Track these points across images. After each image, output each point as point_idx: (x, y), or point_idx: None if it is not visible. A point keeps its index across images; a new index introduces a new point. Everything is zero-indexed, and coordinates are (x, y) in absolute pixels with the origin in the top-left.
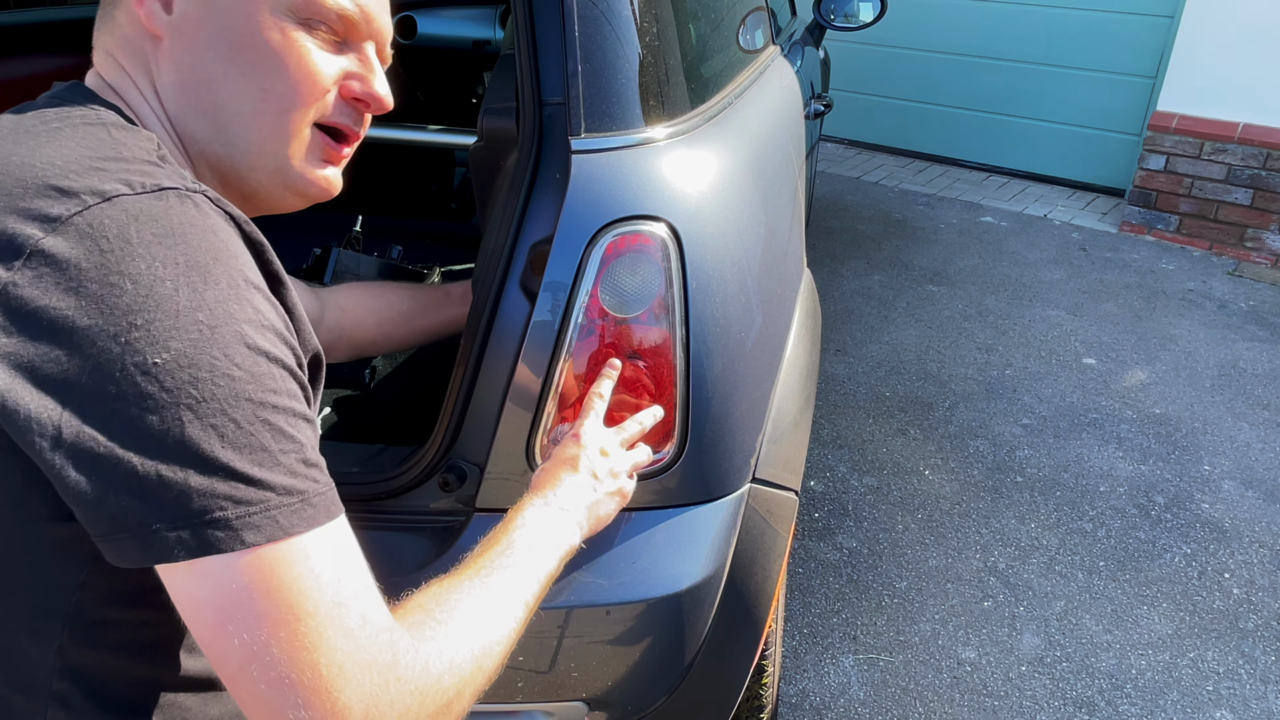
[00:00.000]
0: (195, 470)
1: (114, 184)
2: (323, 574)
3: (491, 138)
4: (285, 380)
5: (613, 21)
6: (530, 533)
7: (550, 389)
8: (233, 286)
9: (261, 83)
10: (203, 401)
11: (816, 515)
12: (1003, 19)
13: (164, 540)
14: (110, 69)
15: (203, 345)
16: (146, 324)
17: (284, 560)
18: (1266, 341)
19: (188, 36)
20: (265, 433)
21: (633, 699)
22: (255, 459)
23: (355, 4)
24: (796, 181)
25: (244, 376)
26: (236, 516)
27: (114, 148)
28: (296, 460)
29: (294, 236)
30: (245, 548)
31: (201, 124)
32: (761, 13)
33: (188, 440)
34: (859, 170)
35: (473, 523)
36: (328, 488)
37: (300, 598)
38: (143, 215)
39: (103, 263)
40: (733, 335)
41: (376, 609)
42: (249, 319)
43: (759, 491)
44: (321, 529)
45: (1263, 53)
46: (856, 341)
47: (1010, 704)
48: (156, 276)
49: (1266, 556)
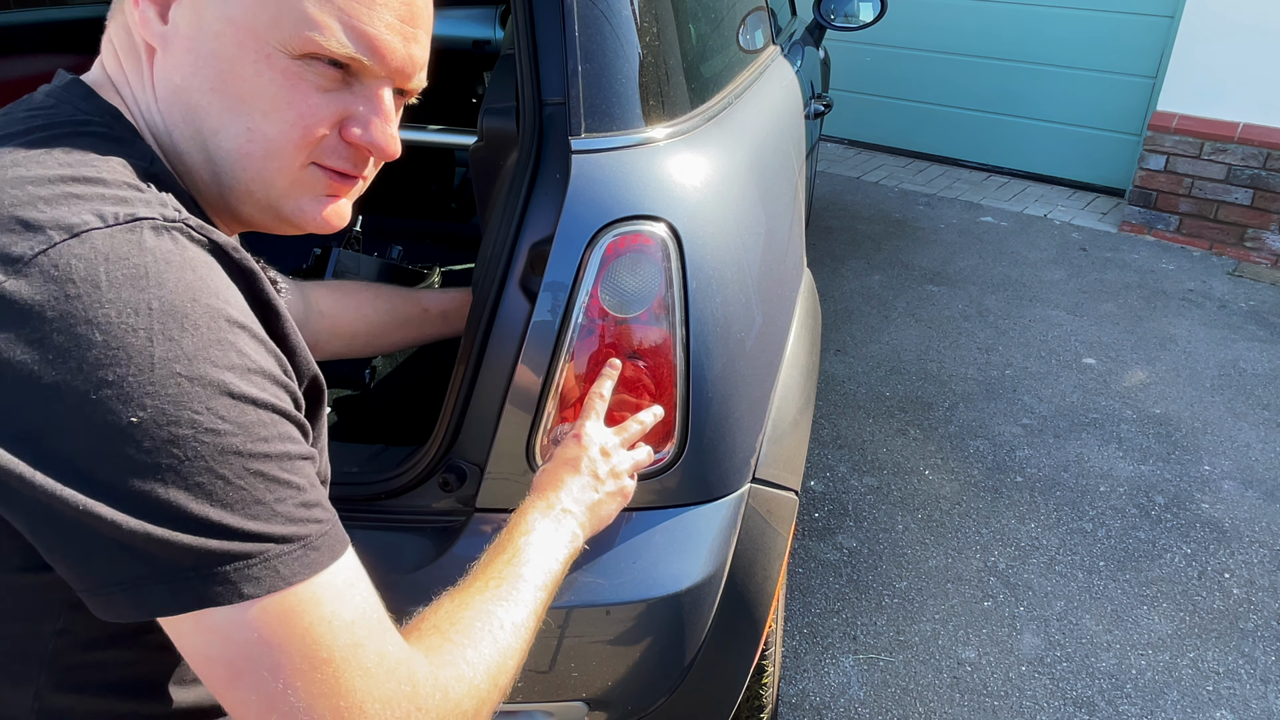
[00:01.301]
0: (184, 530)
1: (84, 215)
2: (334, 618)
3: (491, 138)
4: (277, 424)
5: (613, 21)
6: (536, 539)
7: (550, 389)
8: (213, 330)
9: (248, 121)
10: (186, 461)
11: (816, 515)
12: (1003, 19)
13: (158, 594)
14: (114, 64)
15: (182, 400)
16: (119, 379)
17: (293, 610)
18: (1266, 341)
19: (177, 54)
20: (258, 484)
21: (633, 699)
22: (249, 513)
23: (366, 45)
24: (796, 181)
25: (229, 429)
26: (235, 570)
27: (93, 166)
28: (294, 505)
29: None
30: (245, 600)
31: (189, 147)
32: (761, 13)
33: (174, 503)
34: (859, 170)
35: (473, 522)
36: (330, 524)
37: (314, 646)
38: (113, 254)
39: (69, 310)
40: (733, 335)
41: (391, 641)
42: (232, 365)
43: (759, 491)
44: (327, 570)
45: (1263, 53)
46: (856, 341)
47: (1010, 704)
48: (128, 325)
49: (1266, 556)
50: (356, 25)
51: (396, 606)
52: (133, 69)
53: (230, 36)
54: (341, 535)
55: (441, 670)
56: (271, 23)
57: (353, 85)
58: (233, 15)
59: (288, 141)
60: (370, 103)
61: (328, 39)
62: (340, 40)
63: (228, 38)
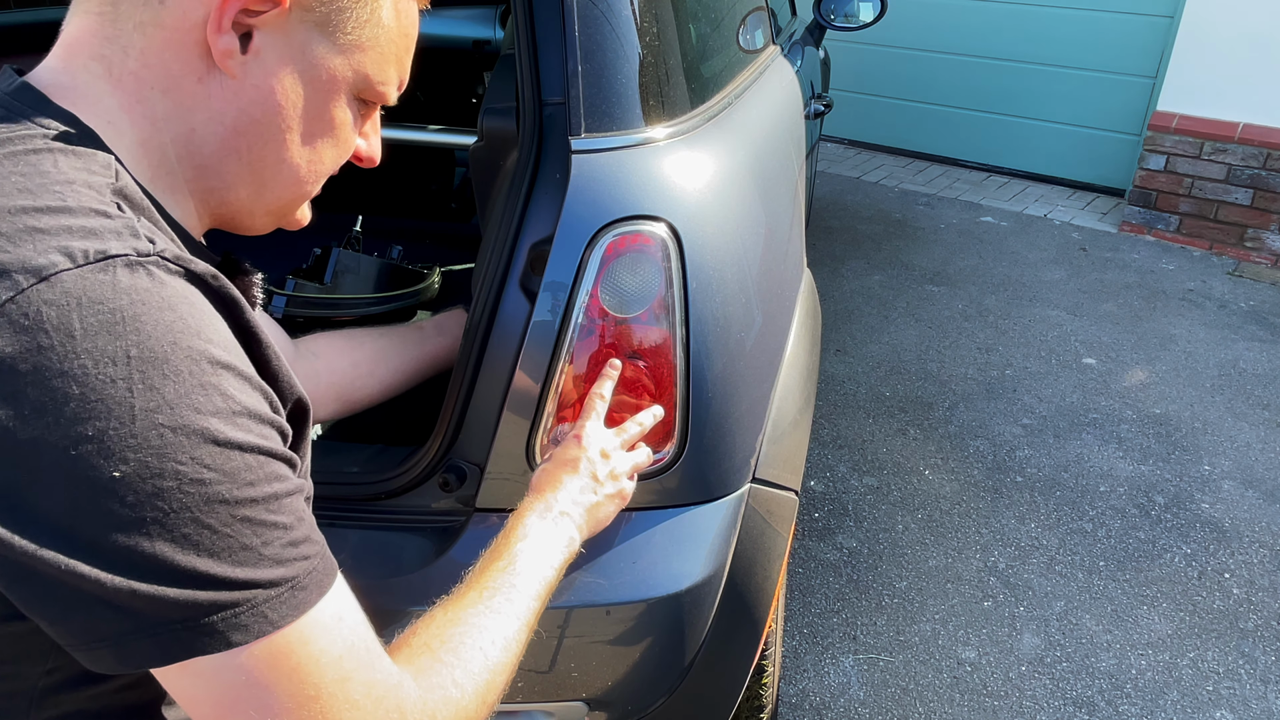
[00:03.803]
0: (171, 584)
1: (51, 255)
2: (322, 655)
3: (491, 138)
4: (263, 466)
5: (613, 21)
6: (532, 544)
7: (550, 389)
8: (195, 375)
9: (314, 152)
10: (171, 514)
11: (816, 515)
12: (1003, 19)
13: (143, 647)
14: (86, 70)
15: (165, 451)
16: (99, 434)
17: (281, 651)
18: (1266, 341)
19: (261, 91)
20: (245, 530)
21: (633, 699)
22: (236, 560)
23: (400, 86)
24: (796, 181)
25: (215, 478)
26: (221, 619)
27: (55, 192)
28: (281, 546)
29: (294, 236)
30: (234, 648)
31: (233, 167)
32: (761, 13)
33: (159, 556)
34: (859, 170)
35: (472, 522)
36: (319, 558)
37: (301, 684)
38: (85, 299)
39: (43, 363)
40: (733, 335)
41: (379, 669)
42: (216, 410)
43: (759, 491)
44: (315, 608)
45: (1263, 53)
46: (856, 341)
47: (1010, 704)
48: (106, 377)
49: (1266, 556)
50: (402, 75)
51: (396, 606)
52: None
53: (323, 83)
54: (329, 565)
55: (430, 694)
56: (361, 77)
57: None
58: (331, 65)
59: (334, 167)
60: (373, 122)
61: (390, 92)
62: (394, 91)
63: (320, 84)
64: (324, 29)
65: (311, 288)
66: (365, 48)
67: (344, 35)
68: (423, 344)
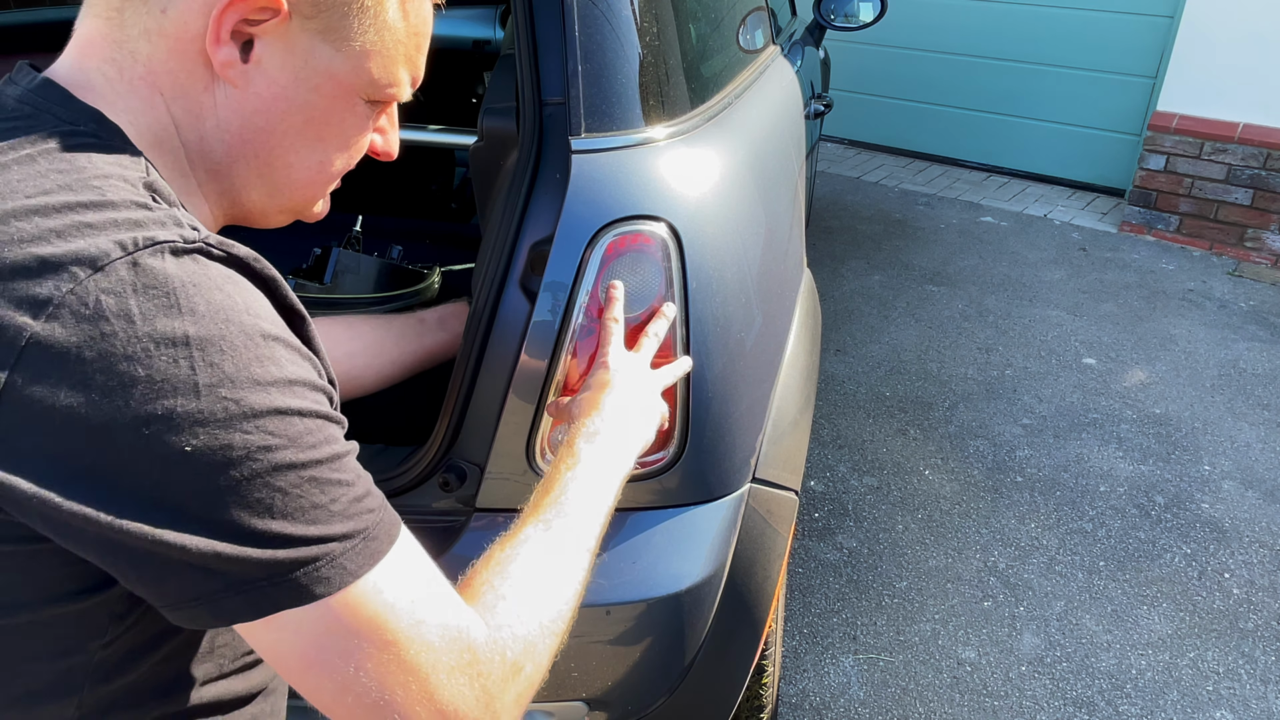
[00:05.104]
0: (253, 545)
1: (104, 246)
2: (397, 602)
3: (491, 138)
4: (321, 429)
5: (613, 21)
6: (583, 469)
7: (551, 389)
8: (250, 348)
9: (324, 155)
10: (244, 481)
11: (816, 515)
12: (1003, 19)
13: (235, 604)
14: (101, 72)
15: (232, 423)
16: (168, 412)
17: (358, 601)
18: (1266, 341)
19: (264, 99)
20: (314, 491)
21: (633, 699)
22: (309, 518)
23: (414, 84)
24: (796, 181)
25: (281, 443)
26: (304, 574)
27: (95, 188)
28: (349, 502)
29: (294, 237)
30: (317, 600)
31: (243, 172)
32: (761, 13)
33: (238, 521)
34: (859, 170)
35: (472, 522)
36: (383, 510)
37: (380, 630)
38: (141, 285)
39: (107, 349)
40: (733, 335)
41: (450, 611)
42: (274, 379)
43: (759, 491)
44: (388, 556)
45: (1263, 53)
46: (856, 341)
47: (1010, 704)
48: (168, 357)
49: (1266, 556)
50: (414, 73)
51: None
52: (173, 88)
53: (328, 89)
54: (393, 517)
55: (498, 632)
56: (367, 81)
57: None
58: (336, 71)
59: (346, 168)
60: (389, 118)
61: (402, 91)
62: (407, 90)
63: (325, 90)
64: (327, 35)
65: (312, 287)
66: (371, 52)
67: (348, 41)
68: (422, 337)
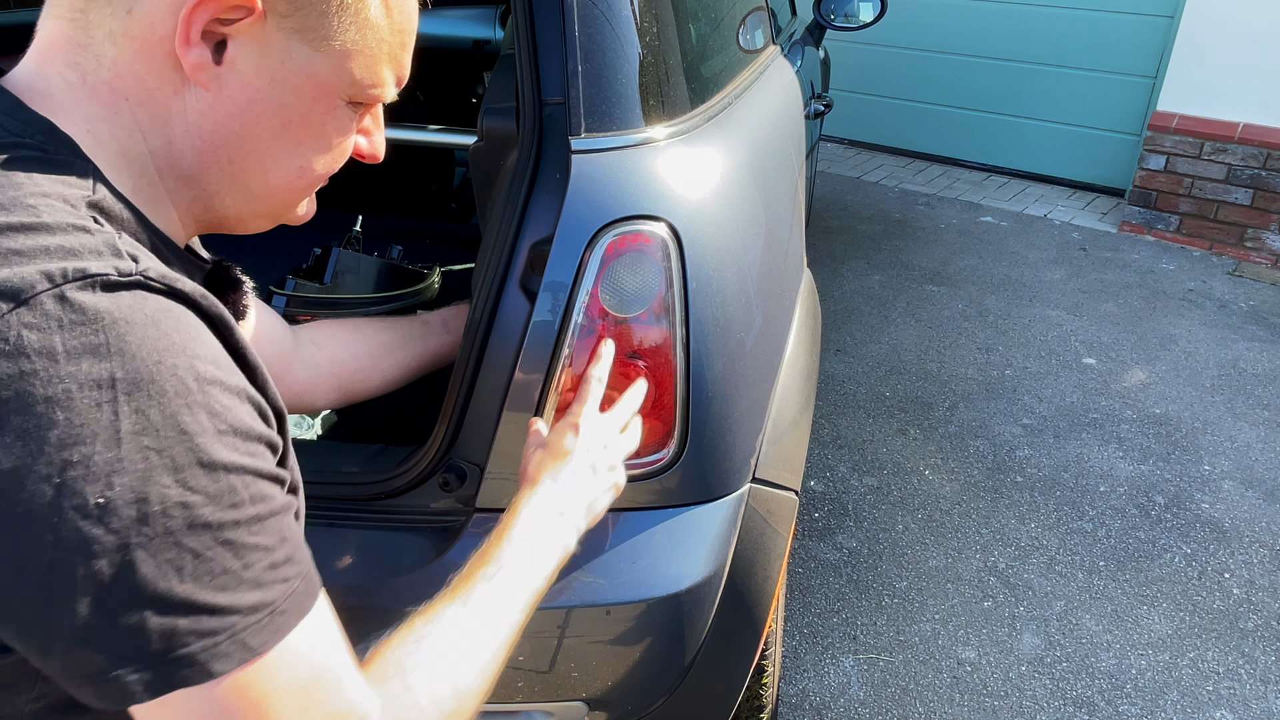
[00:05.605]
0: (152, 612)
1: (30, 277)
2: (290, 684)
3: (491, 138)
4: (249, 485)
5: (613, 21)
6: (525, 549)
7: (550, 389)
8: (182, 394)
9: (303, 160)
10: (155, 538)
11: (816, 515)
12: (1003, 19)
13: (125, 685)
14: (62, 77)
15: (151, 475)
16: (84, 459)
17: (251, 681)
18: (1266, 341)
19: (238, 102)
20: (227, 555)
21: (633, 699)
22: (217, 584)
23: (399, 83)
24: (796, 181)
25: (200, 500)
26: (203, 649)
27: (30, 207)
28: (264, 568)
29: (294, 237)
30: (214, 679)
31: (215, 178)
32: (761, 13)
33: (141, 583)
34: (859, 170)
35: (472, 522)
36: (300, 579)
37: (271, 711)
38: (67, 320)
39: (26, 389)
40: (733, 335)
41: (346, 698)
42: (204, 429)
43: (759, 491)
44: (294, 631)
45: (1263, 53)
46: (856, 341)
47: (1010, 704)
48: (91, 400)
49: (1266, 556)
50: (399, 72)
51: (396, 606)
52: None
53: (307, 91)
54: (310, 585)
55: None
56: (349, 82)
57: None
58: (315, 72)
59: (328, 172)
60: (374, 119)
61: (386, 92)
62: (392, 90)
63: (304, 92)
64: (304, 34)
65: (311, 287)
66: (351, 51)
67: (327, 40)
68: (426, 338)
